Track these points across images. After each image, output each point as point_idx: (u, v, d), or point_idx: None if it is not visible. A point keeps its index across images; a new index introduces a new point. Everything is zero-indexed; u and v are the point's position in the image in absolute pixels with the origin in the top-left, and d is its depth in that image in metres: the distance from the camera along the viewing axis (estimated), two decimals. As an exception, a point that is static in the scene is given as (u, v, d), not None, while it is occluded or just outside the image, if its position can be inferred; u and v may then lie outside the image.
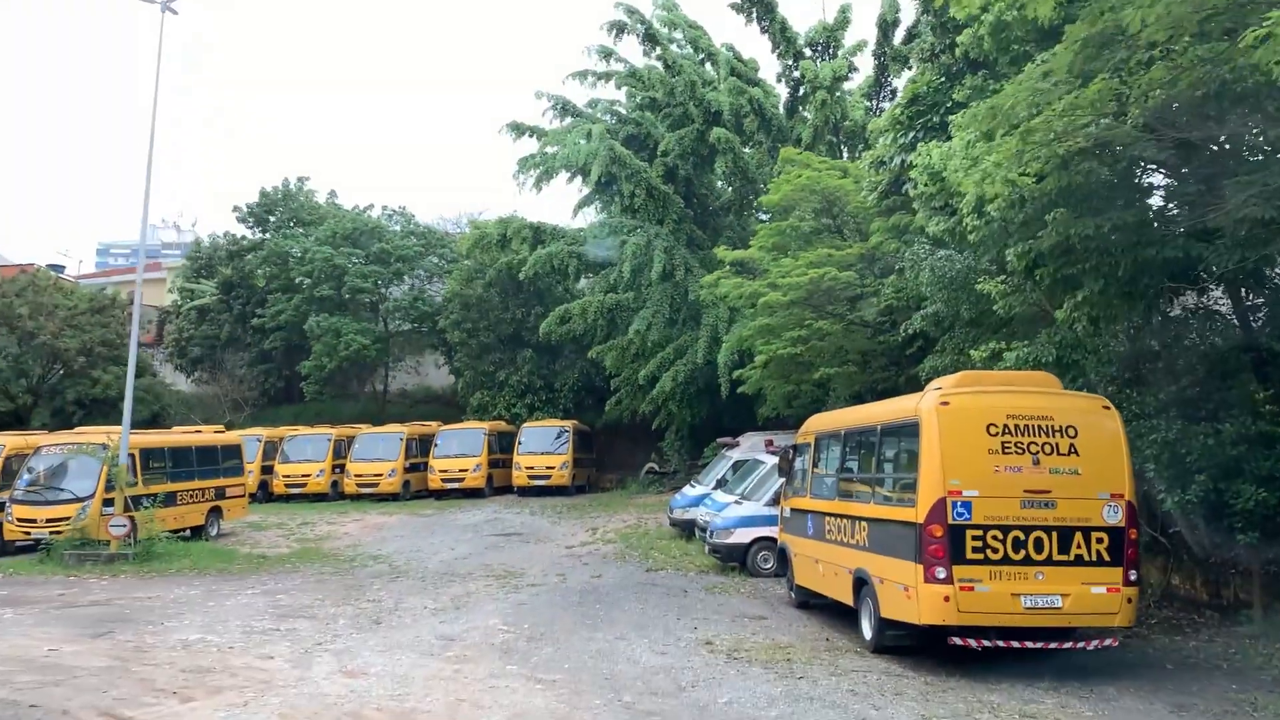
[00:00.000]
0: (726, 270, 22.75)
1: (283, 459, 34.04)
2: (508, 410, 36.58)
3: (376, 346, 38.89)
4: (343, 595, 15.94)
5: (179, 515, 23.34)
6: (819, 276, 19.27)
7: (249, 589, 16.76)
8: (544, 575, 17.83)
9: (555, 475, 32.77)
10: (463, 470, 32.94)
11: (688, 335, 30.81)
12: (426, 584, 17.06)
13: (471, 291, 36.61)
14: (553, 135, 33.14)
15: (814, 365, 20.35)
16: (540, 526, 25.57)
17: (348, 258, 39.05)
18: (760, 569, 17.29)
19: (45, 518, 20.63)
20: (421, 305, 39.60)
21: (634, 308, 31.49)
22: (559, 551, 21.13)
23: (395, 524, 26.94)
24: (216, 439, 25.87)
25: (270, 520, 27.85)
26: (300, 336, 40.05)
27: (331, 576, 18.18)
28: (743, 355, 28.09)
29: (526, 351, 36.80)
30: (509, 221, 34.02)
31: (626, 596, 15.39)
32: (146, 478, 22.15)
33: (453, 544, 22.57)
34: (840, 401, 25.69)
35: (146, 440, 23.27)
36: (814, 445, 13.98)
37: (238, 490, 25.78)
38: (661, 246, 29.60)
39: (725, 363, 27.84)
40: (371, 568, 19.25)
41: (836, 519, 12.52)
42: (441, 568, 19.00)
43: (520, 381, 36.68)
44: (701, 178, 33.48)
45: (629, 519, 26.04)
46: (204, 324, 43.65)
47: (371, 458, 33.41)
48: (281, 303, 40.36)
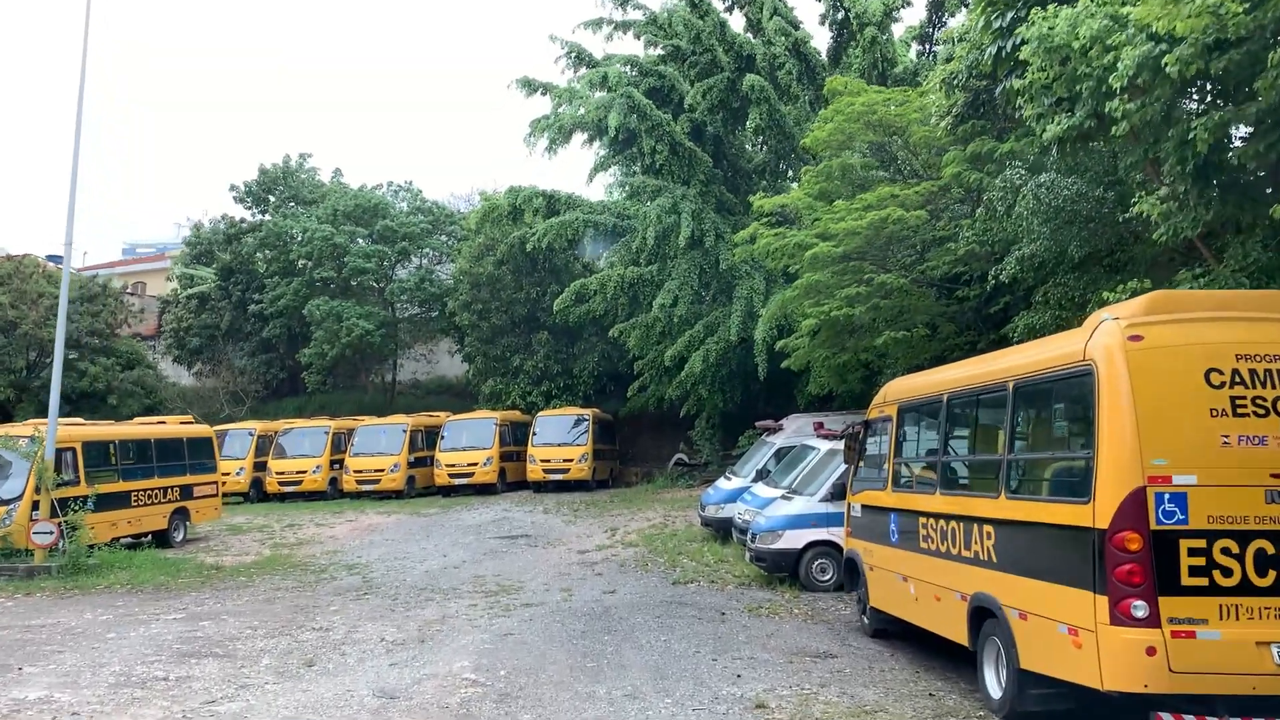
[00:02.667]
0: (764, 223, 18.87)
1: (276, 454, 30.53)
2: (522, 398, 32.86)
3: (381, 332, 35.27)
4: (284, 622, 12.26)
5: (134, 519, 19.81)
6: (880, 220, 15.39)
7: (173, 612, 13.11)
8: (545, 590, 14.06)
9: (574, 469, 29.00)
10: (472, 464, 29.25)
11: (718, 310, 26.95)
12: (396, 604, 13.35)
13: (481, 270, 32.90)
14: (566, 91, 29.34)
15: (874, 330, 16.43)
16: (552, 527, 21.82)
17: (349, 237, 35.49)
18: (816, 582, 13.44)
19: (-37, 524, 17.12)
20: (429, 287, 35.91)
21: (658, 281, 27.66)
22: (569, 558, 17.37)
23: (391, 525, 23.30)
24: (182, 431, 22.29)
25: (255, 522, 24.33)
26: (302, 324, 36.58)
27: (286, 594, 14.51)
28: (782, 330, 24.45)
29: (542, 334, 33.05)
30: (519, 191, 30.28)
31: (645, 623, 11.59)
32: (93, 476, 18.65)
33: (446, 549, 18.87)
34: (902, 376, 21.88)
35: (92, 432, 19.71)
36: (897, 419, 10.10)
37: (208, 489, 22.21)
38: (689, 210, 25.71)
39: (763, 338, 24.01)
40: (339, 581, 15.58)
41: (940, 520, 8.64)
42: (422, 581, 15.28)
43: (535, 367, 32.94)
44: (732, 137, 29.55)
45: (654, 517, 22.23)
46: (204, 313, 40.31)
47: (372, 452, 29.81)
48: (281, 287, 36.87)
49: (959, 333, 16.97)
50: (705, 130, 28.34)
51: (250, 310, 38.33)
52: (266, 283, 37.95)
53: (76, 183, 18.02)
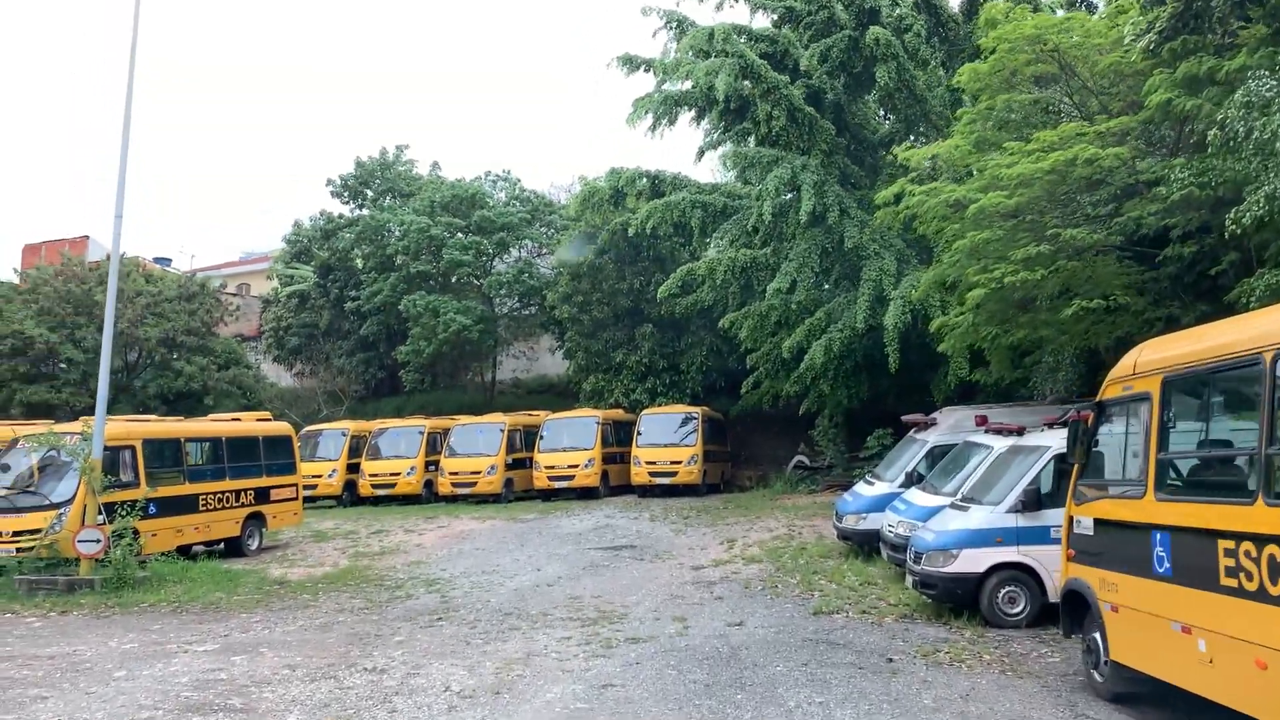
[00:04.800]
0: (910, 179, 15.69)
1: (370, 455, 28.46)
2: (626, 396, 30.14)
3: (480, 328, 32.96)
4: (333, 658, 9.69)
5: (202, 525, 17.73)
6: (1066, 161, 12.15)
7: (209, 641, 10.69)
8: (654, 619, 11.22)
9: (682, 472, 26.13)
10: (572, 466, 26.64)
11: (842, 296, 23.79)
12: (473, 634, 10.68)
13: (582, 259, 30.30)
14: (670, 64, 26.50)
15: (1052, 299, 13.16)
16: (660, 537, 19.00)
17: (446, 229, 33.33)
18: (1003, 615, 10.29)
19: (13, 529, 15.08)
20: (527, 280, 33.46)
21: (774, 265, 24.62)
22: (681, 575, 14.50)
23: (484, 533, 20.82)
24: (258, 428, 20.17)
25: (341, 529, 22.18)
26: (399, 320, 34.60)
27: (348, 618, 12.00)
28: (917, 317, 21.23)
29: (646, 327, 30.28)
30: (621, 173, 27.61)
31: (789, 673, 8.64)
32: (155, 477, 16.59)
33: (541, 562, 16.21)
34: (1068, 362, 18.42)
35: (154, 429, 17.68)
36: (1161, 397, 6.94)
37: (287, 492, 20.05)
38: (810, 181, 22.57)
39: (895, 324, 20.87)
40: (414, 601, 13.03)
41: (1271, 546, 5.49)
42: (509, 602, 12.61)
43: (640, 363, 30.19)
44: (854, 105, 26.30)
45: (776, 527, 19.22)
46: (302, 312, 38.78)
47: (468, 453, 27.45)
48: (379, 283, 34.94)
49: (1155, 304, 13.57)
50: (824, 97, 25.14)
51: (348, 308, 36.58)
52: (364, 279, 36.14)
53: (125, 176, 15.95)
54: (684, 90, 25.63)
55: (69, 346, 32.19)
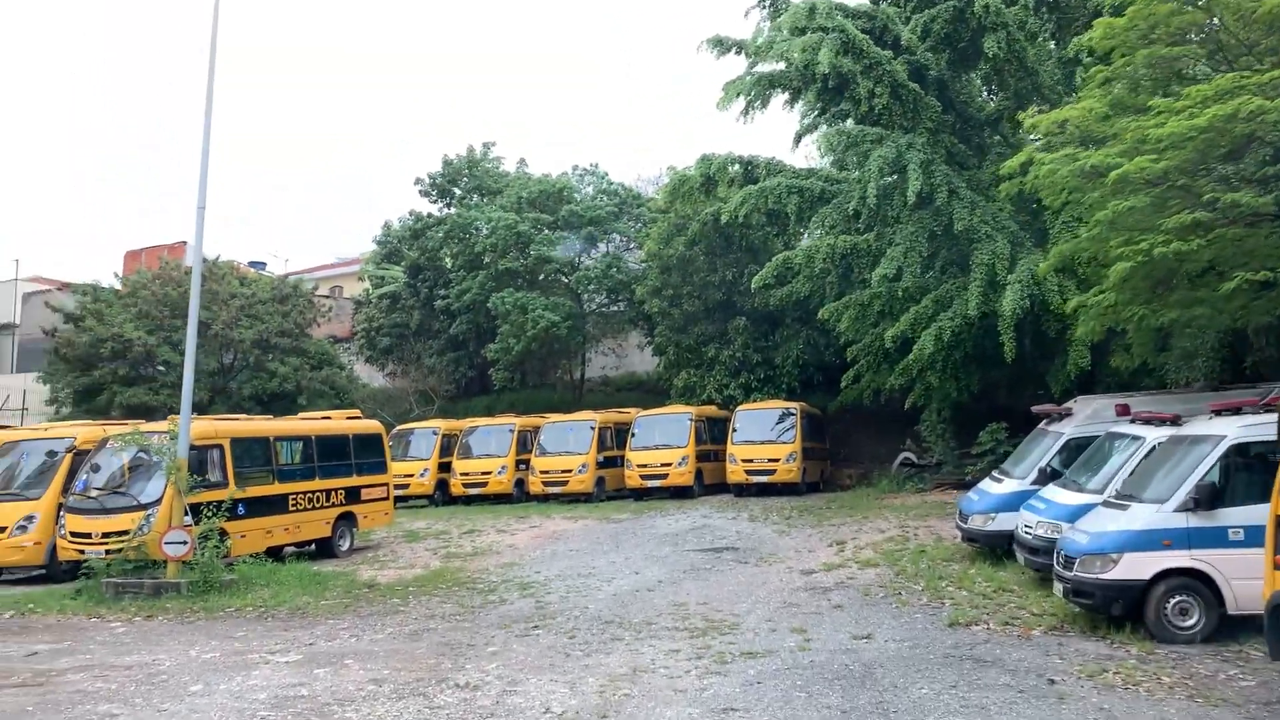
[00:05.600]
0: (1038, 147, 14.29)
1: (461, 454, 27.90)
2: (719, 392, 29.02)
3: (568, 324, 32.21)
4: (424, 671, 8.86)
5: (292, 525, 17.23)
6: (1226, 116, 10.71)
7: (293, 650, 9.97)
8: (770, 630, 10.15)
9: (780, 470, 24.92)
10: (665, 465, 25.64)
11: (951, 282, 22.33)
12: (573, 645, 9.76)
13: (672, 251, 29.29)
14: (763, 46, 25.30)
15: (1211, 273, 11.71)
16: (762, 538, 17.89)
17: (534, 224, 32.66)
18: (1173, 628, 8.96)
19: (101, 531, 14.75)
20: (616, 274, 32.57)
21: (877, 251, 23.26)
22: (792, 580, 13.39)
23: (577, 532, 19.99)
24: (348, 426, 19.64)
25: (433, 528, 21.60)
26: (489, 318, 34.06)
27: (440, 624, 11.19)
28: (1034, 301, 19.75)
29: (739, 321, 29.13)
30: (712, 159, 26.48)
31: (936, 697, 7.49)
32: (244, 477, 16.12)
33: (639, 565, 15.26)
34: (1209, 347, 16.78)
35: (242, 428, 17.20)
36: None
37: (378, 492, 19.49)
38: (916, 161, 21.14)
39: (1012, 310, 19.37)
40: (508, 606, 12.18)
41: None
42: (609, 609, 11.66)
43: (733, 357, 29.04)
44: (958, 81, 24.75)
45: (887, 528, 17.94)
46: (393, 312, 38.58)
47: (559, 451, 26.69)
48: (467, 281, 34.46)
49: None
50: (927, 74, 23.66)
51: (438, 306, 36.23)
52: (452, 277, 35.74)
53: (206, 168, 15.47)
54: (778, 71, 24.45)
55: (166, 349, 32.36)
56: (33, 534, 15.64)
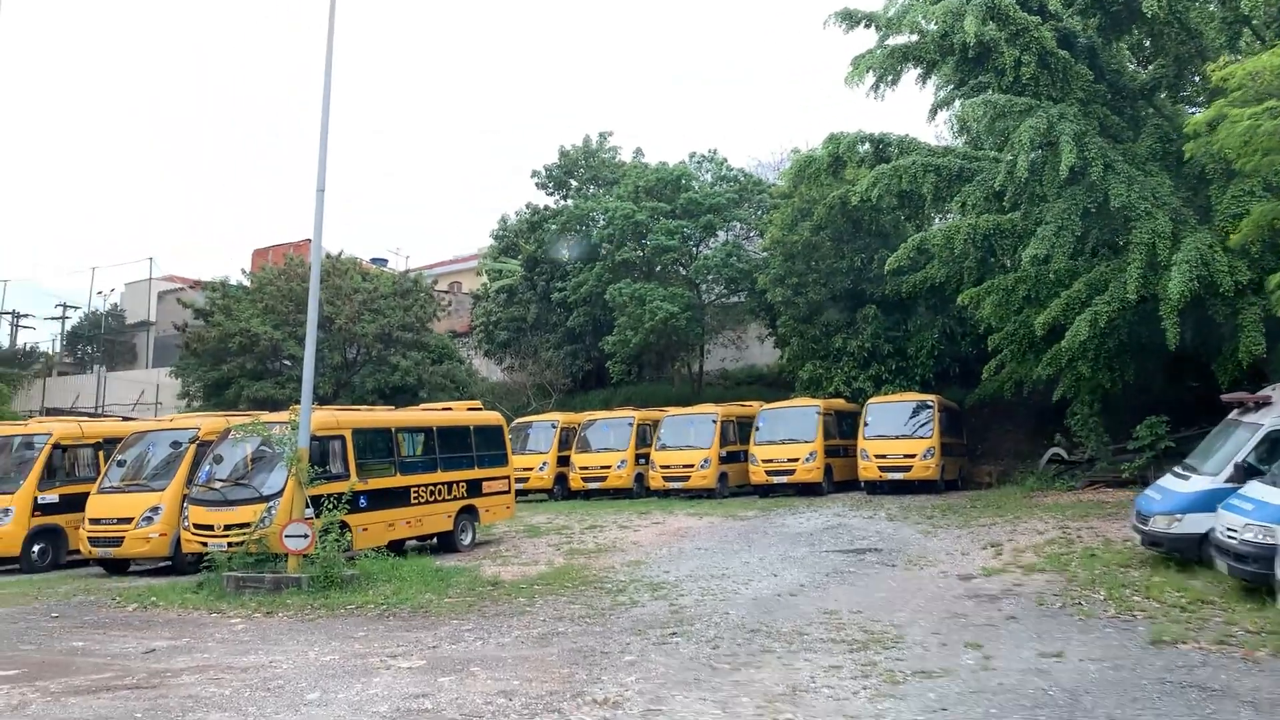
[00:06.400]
0: (1229, 101, 12.63)
1: (580, 448, 27.23)
2: (847, 385, 27.63)
3: (687, 315, 31.24)
4: (556, 682, 7.97)
5: (414, 519, 16.72)
6: None
7: (416, 653, 9.22)
8: (940, 645, 8.95)
9: (917, 466, 23.45)
10: (792, 460, 24.42)
11: (1105, 264, 20.55)
12: (717, 656, 8.75)
13: (796, 238, 28.00)
14: (895, 17, 23.80)
15: None
16: (906, 539, 16.57)
17: (651, 214, 31.78)
18: None
19: (224, 523, 14.44)
20: (736, 263, 31.40)
21: (1023, 231, 21.60)
22: (950, 586, 12.11)
23: (702, 530, 19.01)
24: (469, 418, 19.09)
25: (554, 523, 20.92)
26: (605, 311, 33.37)
27: (569, 627, 10.33)
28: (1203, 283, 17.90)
29: (869, 309, 27.67)
30: (840, 139, 25.06)
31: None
32: (366, 469, 15.66)
33: (776, 566, 14.17)
34: None
35: (365, 418, 16.77)
36: None
37: (500, 485, 18.88)
38: (1069, 132, 19.39)
39: (1181, 292, 17.56)
40: (640, 609, 11.25)
41: None
42: (751, 615, 10.61)
43: (862, 348, 27.60)
44: (1109, 49, 22.80)
45: (1045, 529, 16.41)
46: (511, 306, 38.32)
47: (680, 445, 25.75)
48: (584, 273, 33.85)
49: None
50: (1076, 41, 21.82)
51: (554, 299, 35.75)
52: (569, 270, 35.19)
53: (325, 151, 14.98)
54: (911, 43, 22.94)
55: (292, 343, 32.68)
56: (158, 525, 15.47)
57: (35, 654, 9.54)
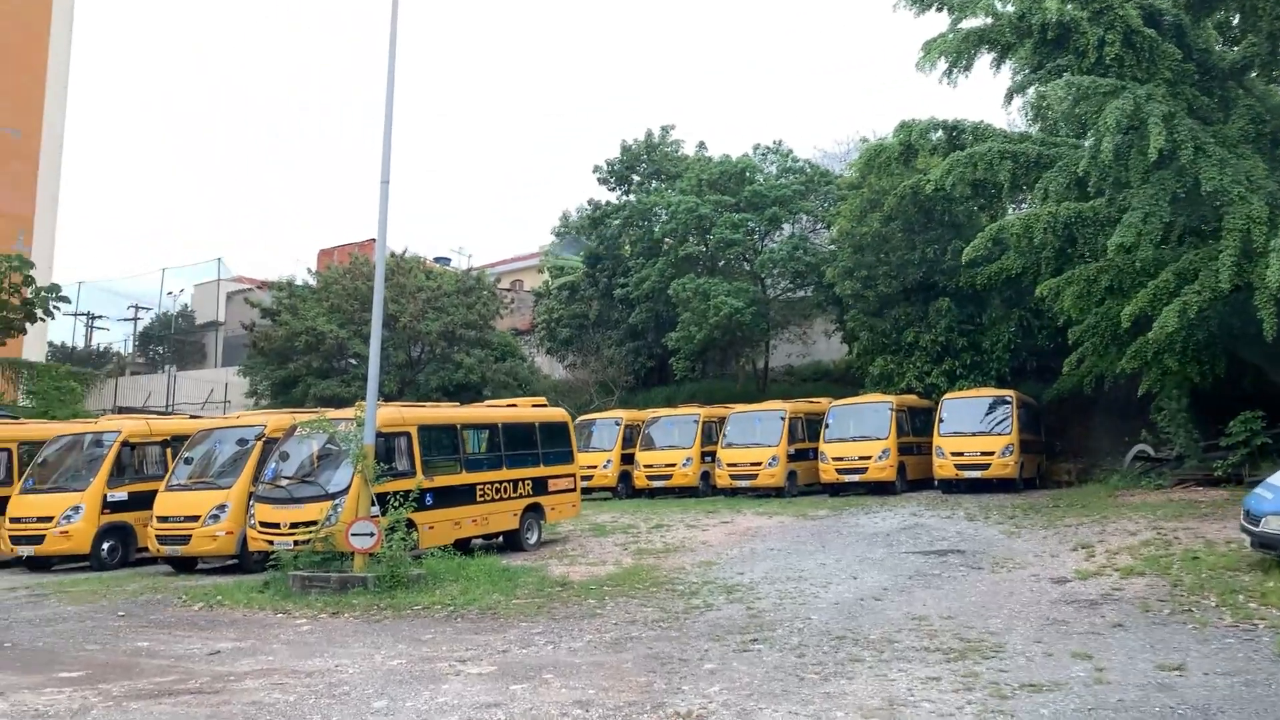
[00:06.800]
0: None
1: (644, 445, 26.77)
2: (919, 380, 26.80)
3: (752, 310, 30.60)
4: (634, 692, 7.50)
5: (480, 517, 16.40)
6: None
7: (485, 658, 8.83)
8: (1045, 655, 8.30)
9: (995, 464, 22.58)
10: (864, 458, 23.69)
11: (1194, 251, 19.53)
12: (803, 665, 8.21)
13: (866, 229, 27.23)
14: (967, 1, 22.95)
15: None
16: (990, 540, 15.83)
17: (715, 207, 31.20)
18: None
19: (289, 521, 14.23)
20: (802, 256, 30.68)
21: (1107, 219, 20.65)
22: (1044, 590, 11.41)
23: (773, 530, 18.45)
24: (535, 415, 18.73)
25: (620, 522, 20.52)
26: (668, 306, 32.86)
27: (643, 631, 9.86)
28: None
29: (942, 302, 26.80)
30: (912, 126, 24.20)
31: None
32: (432, 466, 15.38)
33: (854, 568, 13.57)
34: None
35: (430, 415, 16.50)
36: None
37: (565, 482, 18.50)
38: (1158, 114, 18.42)
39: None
40: (716, 612, 10.74)
41: None
42: (835, 620, 10.05)
43: (935, 342, 26.75)
44: (1196, 27, 21.69)
45: (1137, 529, 15.55)
46: (572, 303, 38.00)
47: (747, 443, 25.14)
48: (646, 268, 33.38)
49: None
50: (1161, 19, 20.82)
51: (616, 295, 35.34)
52: (631, 265, 34.75)
53: (390, 142, 14.68)
54: (986, 25, 22.09)
55: (357, 342, 32.71)
56: (225, 523, 15.34)
57: (100, 654, 9.33)
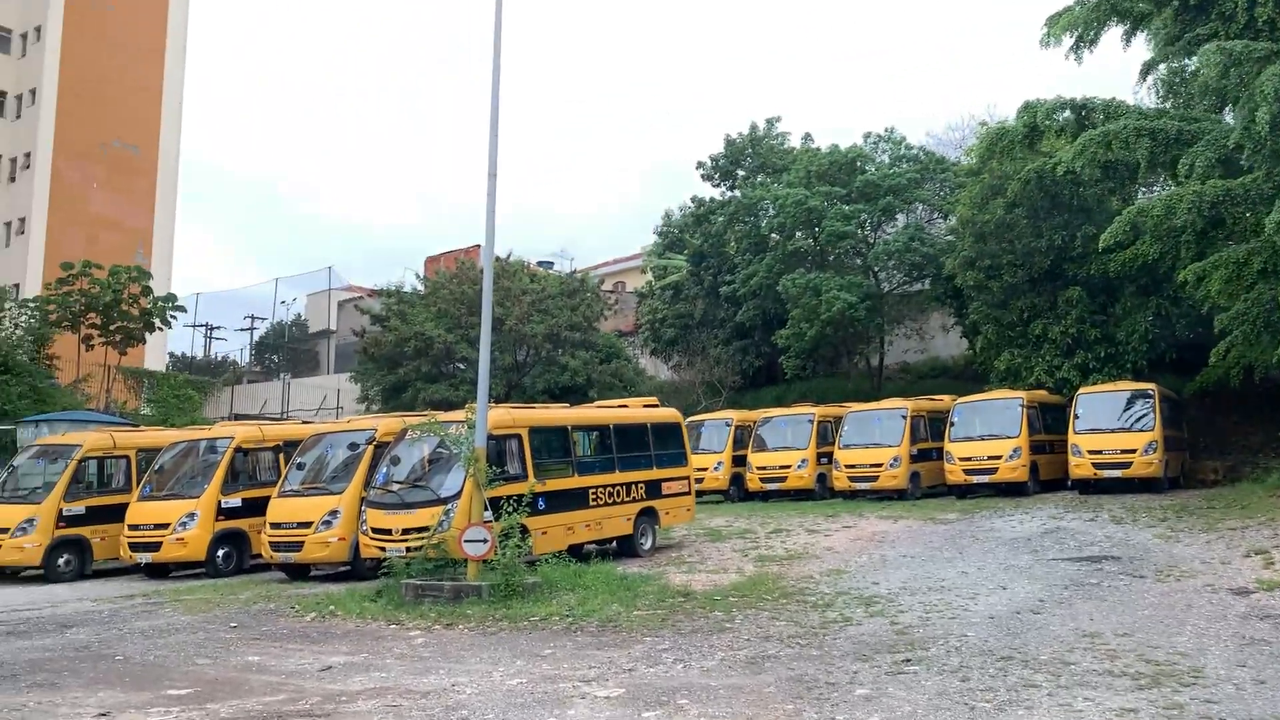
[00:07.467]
0: None
1: (756, 447, 25.82)
2: (1049, 375, 25.17)
3: (866, 305, 29.34)
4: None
5: (594, 522, 15.75)
6: None
7: (611, 677, 8.08)
8: (1253, 681, 7.17)
9: (1138, 463, 20.93)
10: (994, 458, 22.27)
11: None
12: (970, 691, 7.23)
13: (988, 216, 25.75)
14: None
15: None
16: (1144, 545, 14.47)
17: (824, 198, 30.05)
18: None
19: (401, 527, 13.80)
20: (919, 247, 29.28)
21: (1257, 197, 18.92)
22: (1225, 603, 10.15)
23: (900, 535, 17.35)
24: (646, 415, 18.01)
25: (735, 526, 19.68)
26: (776, 303, 31.82)
27: (779, 649, 9.00)
28: None
29: (1071, 291, 25.12)
30: (1037, 106, 22.74)
31: None
32: (543, 469, 14.78)
33: (1000, 577, 12.45)
34: None
35: (540, 416, 15.90)
36: None
37: (679, 485, 17.72)
38: (1319, 77, 16.81)
39: None
40: (857, 627, 9.81)
41: None
42: (993, 637, 9.02)
43: (1065, 334, 25.08)
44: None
45: (1317, 533, 14.01)
46: (677, 302, 37.25)
47: (866, 443, 23.95)
48: (753, 265, 32.40)
49: None
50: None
51: (722, 293, 34.44)
52: (737, 262, 33.81)
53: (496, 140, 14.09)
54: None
55: (464, 345, 32.62)
56: (336, 529, 14.99)
57: (210, 669, 8.92)
